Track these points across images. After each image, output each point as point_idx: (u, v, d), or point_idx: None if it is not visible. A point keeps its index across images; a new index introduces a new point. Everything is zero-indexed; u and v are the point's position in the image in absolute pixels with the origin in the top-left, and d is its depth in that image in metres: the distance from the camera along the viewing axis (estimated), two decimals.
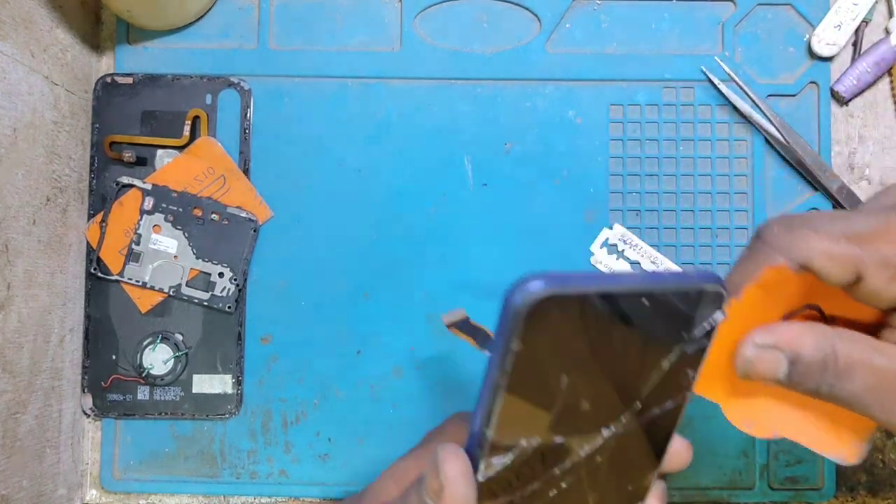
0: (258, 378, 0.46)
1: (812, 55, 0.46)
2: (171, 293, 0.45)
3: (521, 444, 0.24)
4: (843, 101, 0.46)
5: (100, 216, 0.45)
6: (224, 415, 0.46)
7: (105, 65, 0.47)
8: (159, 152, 0.46)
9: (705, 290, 0.24)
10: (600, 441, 0.25)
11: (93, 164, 0.46)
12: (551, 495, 0.26)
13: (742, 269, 0.28)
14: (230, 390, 0.46)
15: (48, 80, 0.42)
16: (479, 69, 0.46)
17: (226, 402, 0.46)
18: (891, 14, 0.46)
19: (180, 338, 0.45)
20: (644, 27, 0.47)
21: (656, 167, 0.46)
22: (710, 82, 0.46)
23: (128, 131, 0.46)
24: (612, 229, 0.46)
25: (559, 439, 0.25)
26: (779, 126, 0.45)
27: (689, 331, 0.24)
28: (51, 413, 0.42)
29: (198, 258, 0.45)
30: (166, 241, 0.45)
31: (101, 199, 0.46)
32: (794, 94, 0.46)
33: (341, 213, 0.46)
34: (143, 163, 0.46)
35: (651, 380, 0.25)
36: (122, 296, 0.45)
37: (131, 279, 0.45)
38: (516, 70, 0.46)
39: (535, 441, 0.24)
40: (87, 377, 0.45)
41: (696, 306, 0.24)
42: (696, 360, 0.25)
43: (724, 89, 0.46)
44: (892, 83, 0.47)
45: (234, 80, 0.46)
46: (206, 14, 0.47)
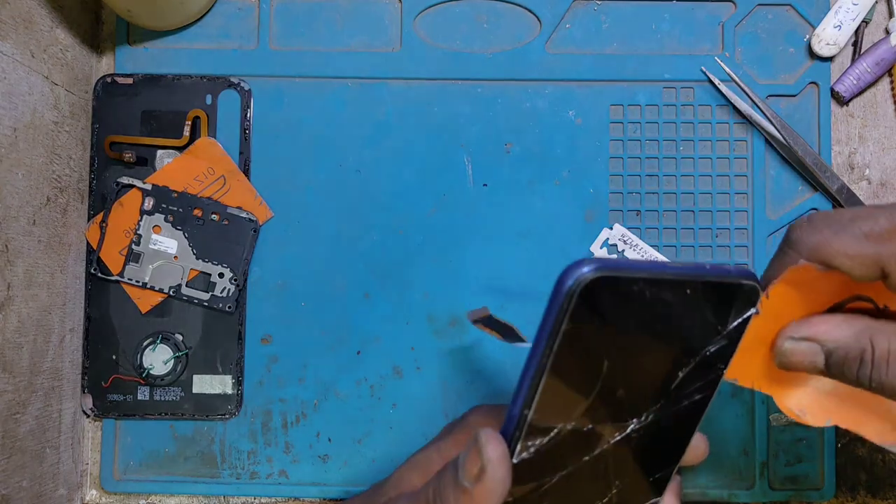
0: (258, 378, 0.46)
1: (812, 55, 0.46)
2: (171, 293, 0.45)
3: (556, 429, 0.25)
4: (843, 101, 0.47)
5: (100, 216, 0.45)
6: (224, 415, 0.46)
7: (105, 65, 0.47)
8: (159, 152, 0.46)
9: (743, 285, 0.25)
10: (630, 430, 0.26)
11: (93, 165, 0.46)
12: (577, 482, 0.26)
13: (771, 269, 0.29)
14: (230, 391, 0.46)
15: (48, 80, 0.42)
16: (479, 69, 0.46)
17: (226, 402, 0.46)
18: (891, 14, 0.46)
19: (180, 338, 0.45)
20: (644, 27, 0.47)
21: (656, 167, 0.46)
22: (710, 82, 0.46)
23: (128, 131, 0.46)
24: (612, 229, 0.46)
25: (592, 426, 0.25)
26: (779, 126, 0.45)
27: (724, 324, 0.25)
28: (51, 413, 0.42)
29: (198, 258, 0.45)
30: (166, 242, 0.45)
31: (101, 200, 0.46)
32: (794, 95, 0.46)
33: (341, 213, 0.46)
34: (144, 163, 0.46)
35: (684, 371, 0.26)
36: (122, 296, 0.45)
37: (131, 279, 0.45)
38: (516, 70, 0.46)
39: (570, 426, 0.25)
40: (87, 377, 0.45)
41: (733, 300, 0.25)
42: (726, 354, 0.26)
43: (724, 89, 0.46)
44: (893, 83, 0.47)
45: (234, 81, 0.46)
46: (206, 14, 0.47)
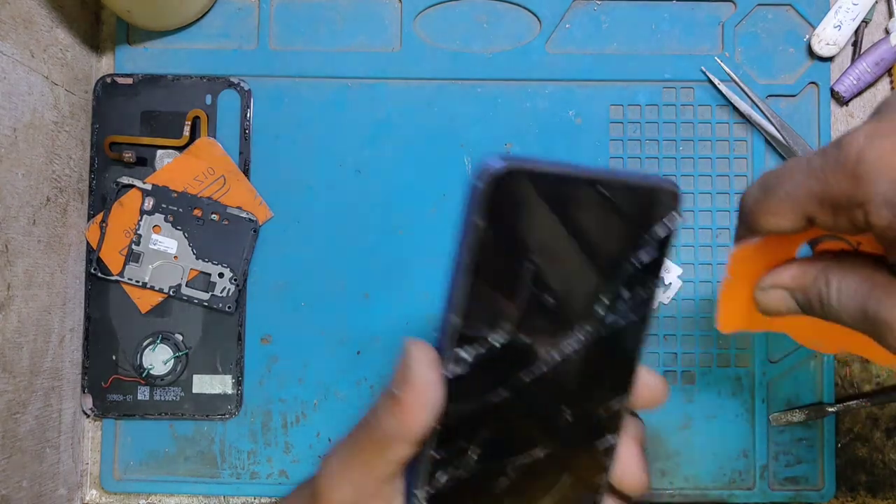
0: (258, 378, 0.46)
1: (812, 55, 0.46)
2: (171, 293, 0.45)
3: (488, 338, 0.25)
4: (842, 101, 0.46)
5: (100, 216, 0.45)
6: (224, 415, 0.46)
7: (105, 65, 0.47)
8: (159, 152, 0.46)
9: (661, 189, 0.25)
10: (567, 349, 0.26)
11: (93, 165, 0.46)
12: (521, 406, 0.26)
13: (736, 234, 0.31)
14: (230, 390, 0.46)
15: (48, 80, 0.42)
16: (479, 69, 0.46)
17: (226, 402, 0.46)
18: (891, 14, 0.46)
19: (180, 338, 0.45)
20: (644, 27, 0.47)
21: (656, 167, 0.46)
22: (710, 82, 0.46)
23: (128, 131, 0.46)
24: None
25: (526, 339, 0.25)
26: (779, 126, 0.45)
27: (648, 232, 0.25)
28: (51, 413, 0.42)
29: (198, 258, 0.45)
30: (166, 242, 0.45)
31: (101, 200, 0.46)
32: (794, 95, 0.46)
33: (341, 213, 0.46)
34: (143, 163, 0.46)
35: (613, 283, 0.26)
36: (122, 296, 0.45)
37: (131, 279, 0.45)
38: (516, 70, 0.46)
39: (502, 337, 0.25)
40: (87, 377, 0.45)
41: (654, 207, 0.25)
42: (655, 268, 0.26)
43: (724, 89, 0.46)
44: (893, 83, 0.47)
45: (234, 81, 0.46)
46: (206, 14, 0.47)
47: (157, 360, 0.45)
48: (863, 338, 0.29)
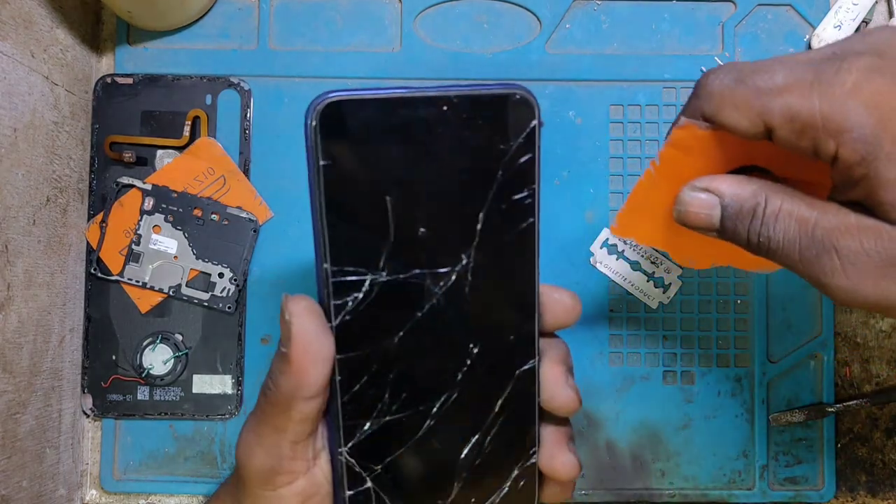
0: (258, 378, 0.46)
1: None
2: (171, 293, 0.45)
3: (368, 280, 0.24)
4: None
5: (100, 216, 0.45)
6: (224, 415, 0.46)
7: (105, 65, 0.47)
8: (159, 152, 0.46)
9: (509, 96, 0.24)
10: (454, 276, 0.25)
11: (93, 165, 0.46)
12: (424, 346, 0.25)
13: (677, 116, 0.29)
14: (230, 391, 0.46)
15: (48, 80, 0.42)
16: (479, 69, 0.46)
17: (226, 402, 0.46)
18: (891, 14, 0.46)
19: (180, 338, 0.45)
20: (644, 27, 0.47)
21: None
22: None
23: (128, 132, 0.46)
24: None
25: (407, 274, 0.24)
26: None
27: (508, 142, 0.24)
28: (51, 413, 0.42)
29: (198, 258, 0.45)
30: (166, 242, 0.45)
31: (101, 200, 0.46)
32: None
33: None
34: (143, 163, 0.46)
35: (486, 200, 0.24)
36: (122, 296, 0.45)
37: (131, 279, 0.45)
38: (516, 70, 0.46)
39: (382, 276, 0.24)
40: (87, 377, 0.45)
41: (507, 116, 0.24)
42: (527, 175, 0.25)
43: None
44: None
45: (234, 81, 0.46)
46: (206, 14, 0.47)
47: (157, 360, 0.45)
48: (735, 248, 0.29)
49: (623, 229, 0.34)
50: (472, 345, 0.26)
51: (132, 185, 0.45)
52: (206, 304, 0.45)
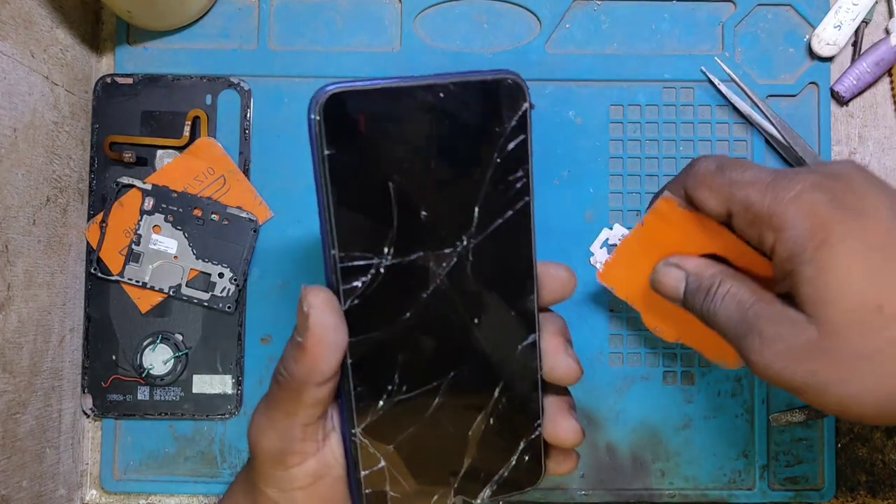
0: (258, 378, 0.46)
1: (812, 55, 0.46)
2: (171, 293, 0.45)
3: (374, 264, 0.25)
4: (842, 101, 0.46)
5: (100, 216, 0.45)
6: (224, 415, 0.46)
7: (105, 65, 0.47)
8: (159, 153, 0.46)
9: (501, 81, 0.26)
10: (456, 257, 0.26)
11: (93, 165, 0.46)
12: (431, 326, 0.26)
13: (667, 185, 0.36)
14: (230, 390, 0.46)
15: (48, 80, 0.42)
16: (479, 69, 0.46)
17: (226, 402, 0.46)
18: (891, 14, 0.46)
19: (180, 338, 0.45)
20: (644, 27, 0.47)
21: (656, 167, 0.46)
22: (710, 82, 0.46)
23: (128, 132, 0.46)
24: (612, 229, 0.46)
25: (411, 257, 0.25)
26: (779, 126, 0.45)
27: (502, 125, 0.26)
28: (51, 413, 0.42)
29: (198, 258, 0.45)
30: (166, 242, 0.45)
31: (101, 200, 0.46)
32: (794, 95, 0.46)
33: None
34: (143, 163, 0.46)
35: (483, 181, 0.26)
36: (122, 296, 0.45)
37: (131, 279, 0.45)
38: (516, 70, 0.46)
39: (388, 260, 0.25)
40: (87, 377, 0.45)
41: (500, 100, 0.26)
42: (521, 156, 0.26)
43: (724, 89, 0.46)
44: (892, 83, 0.47)
45: (234, 81, 0.46)
46: (206, 14, 0.47)
47: (157, 360, 0.45)
48: (702, 333, 0.35)
49: (608, 278, 0.39)
50: (475, 322, 0.27)
51: (132, 185, 0.45)
52: (206, 304, 0.45)
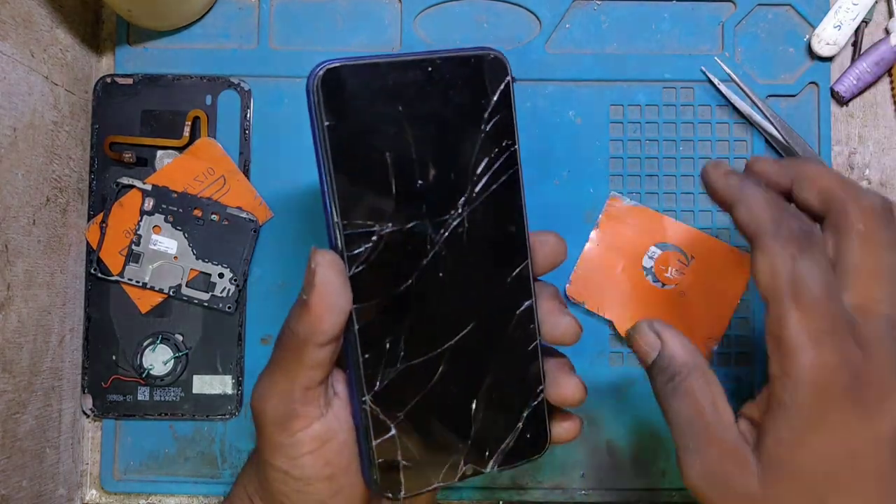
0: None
1: (812, 55, 0.46)
2: (171, 294, 0.45)
3: (375, 231, 0.26)
4: (843, 101, 0.47)
5: (100, 217, 0.45)
6: (224, 415, 0.45)
7: (105, 65, 0.47)
8: (159, 153, 0.46)
9: (484, 56, 0.27)
10: (452, 224, 0.27)
11: (93, 165, 0.46)
12: (432, 292, 0.27)
13: None
14: (230, 391, 0.45)
15: (48, 80, 0.42)
16: None
17: (226, 402, 0.46)
18: (891, 14, 0.46)
19: (180, 338, 0.45)
20: (644, 27, 0.47)
21: (656, 168, 0.46)
22: (710, 82, 0.46)
23: (128, 132, 0.46)
24: None
25: (411, 224, 0.27)
26: (779, 126, 0.45)
27: (487, 97, 0.27)
28: (51, 413, 0.42)
29: (198, 259, 0.45)
30: (166, 242, 0.45)
31: (101, 200, 0.46)
32: (794, 95, 0.46)
33: None
34: (144, 163, 0.46)
35: (474, 151, 0.27)
36: (122, 296, 0.45)
37: (131, 280, 0.45)
38: (516, 70, 0.46)
39: (388, 228, 0.26)
40: (87, 377, 0.45)
41: (483, 72, 0.27)
42: (507, 126, 0.28)
43: (724, 89, 0.46)
44: (892, 83, 0.47)
45: (234, 81, 0.46)
46: (206, 14, 0.47)
47: (157, 360, 0.45)
48: None
49: (575, 293, 0.41)
50: (473, 289, 0.28)
51: (132, 186, 0.45)
52: (206, 304, 0.45)
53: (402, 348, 0.27)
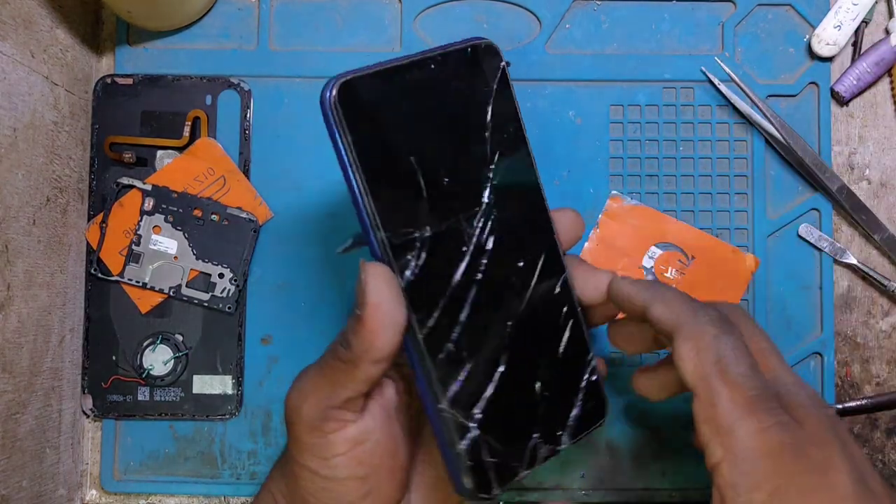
0: (258, 379, 0.46)
1: (812, 55, 0.46)
2: (171, 294, 0.45)
3: (417, 237, 0.26)
4: (843, 101, 0.47)
5: (100, 217, 0.45)
6: (224, 415, 0.45)
7: (105, 65, 0.47)
8: (159, 153, 0.46)
9: (477, 45, 0.28)
10: (483, 214, 0.28)
11: (93, 165, 0.46)
12: (479, 284, 0.28)
13: None
14: (230, 391, 0.45)
15: (48, 80, 0.42)
16: None
17: (226, 402, 0.46)
18: (891, 14, 0.46)
19: (180, 338, 0.45)
20: (644, 27, 0.47)
21: (656, 168, 0.46)
22: (710, 82, 0.46)
23: (128, 132, 0.46)
24: None
25: (448, 222, 0.27)
26: (779, 126, 0.45)
27: (487, 82, 0.28)
28: (51, 413, 0.42)
29: (198, 259, 0.45)
30: (166, 242, 0.45)
31: (101, 200, 0.46)
32: (794, 95, 0.46)
33: (341, 212, 0.46)
34: (144, 163, 0.46)
35: (486, 139, 0.28)
36: (122, 296, 0.45)
37: (131, 280, 0.45)
38: (516, 70, 0.46)
39: (427, 230, 0.26)
40: (87, 378, 0.45)
41: (479, 60, 0.28)
42: (511, 109, 0.29)
43: (724, 89, 0.46)
44: (892, 83, 0.47)
45: (234, 81, 0.46)
46: (206, 14, 0.47)
47: (157, 360, 0.45)
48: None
49: None
50: (514, 275, 0.28)
51: (132, 186, 0.45)
52: (206, 304, 0.45)
53: (465, 346, 0.27)
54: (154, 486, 0.46)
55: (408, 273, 0.26)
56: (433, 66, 0.27)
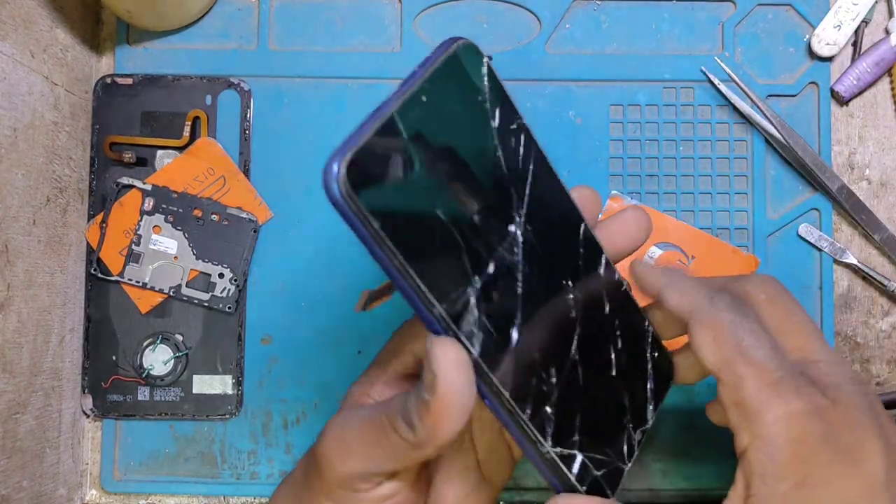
0: (258, 379, 0.46)
1: (812, 55, 0.46)
2: (171, 294, 0.45)
3: (470, 294, 0.24)
4: (843, 101, 0.46)
5: (100, 217, 0.45)
6: (224, 415, 0.45)
7: (105, 65, 0.47)
8: (159, 153, 0.46)
9: (456, 49, 0.25)
10: (519, 232, 0.25)
11: (93, 165, 0.46)
12: (538, 306, 0.26)
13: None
14: (230, 391, 0.45)
15: (48, 80, 0.42)
16: None
17: (226, 402, 0.46)
18: (891, 14, 0.46)
19: (180, 338, 0.45)
20: (644, 27, 0.47)
21: (656, 168, 0.46)
22: (710, 82, 0.46)
23: (128, 132, 0.46)
24: None
25: (493, 262, 0.25)
26: (779, 126, 0.45)
27: (479, 89, 0.25)
28: (51, 413, 0.42)
29: (198, 259, 0.45)
30: (166, 242, 0.45)
31: (101, 200, 0.46)
32: (794, 95, 0.46)
33: None
34: (144, 163, 0.46)
35: (496, 148, 0.25)
36: (122, 296, 0.45)
37: (131, 280, 0.45)
38: (516, 70, 0.46)
39: (476, 283, 0.24)
40: (87, 377, 0.45)
41: (463, 65, 0.25)
42: (509, 106, 0.26)
43: (724, 89, 0.46)
44: (892, 83, 0.47)
45: (234, 81, 0.46)
46: (206, 14, 0.47)
47: (157, 360, 0.45)
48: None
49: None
50: (564, 275, 0.27)
51: (132, 186, 0.45)
52: (206, 304, 0.45)
53: (549, 378, 0.26)
54: (154, 486, 0.46)
55: (472, 341, 0.24)
56: (425, 99, 0.24)
